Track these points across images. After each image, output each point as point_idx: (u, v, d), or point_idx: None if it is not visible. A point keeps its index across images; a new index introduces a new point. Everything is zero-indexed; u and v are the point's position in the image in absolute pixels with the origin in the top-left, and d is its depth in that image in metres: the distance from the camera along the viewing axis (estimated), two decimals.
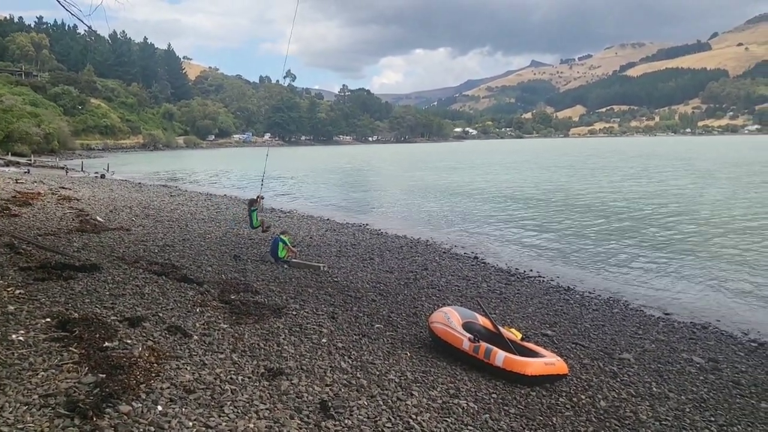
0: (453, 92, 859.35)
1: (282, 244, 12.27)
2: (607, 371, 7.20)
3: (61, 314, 5.77)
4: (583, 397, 6.26)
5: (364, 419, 4.75)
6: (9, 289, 6.44)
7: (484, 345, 6.63)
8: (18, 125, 67.27)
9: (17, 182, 26.68)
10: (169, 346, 5.44)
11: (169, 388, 4.47)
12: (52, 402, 3.91)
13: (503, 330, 7.14)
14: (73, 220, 15.20)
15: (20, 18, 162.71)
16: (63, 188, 25.94)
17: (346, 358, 6.22)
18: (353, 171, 59.62)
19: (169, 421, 3.97)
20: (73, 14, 10.28)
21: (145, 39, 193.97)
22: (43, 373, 4.35)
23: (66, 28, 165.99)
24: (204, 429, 4.00)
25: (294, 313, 7.82)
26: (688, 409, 6.20)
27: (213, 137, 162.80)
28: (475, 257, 15.30)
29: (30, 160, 54.82)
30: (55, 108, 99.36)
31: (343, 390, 5.26)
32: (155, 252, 11.70)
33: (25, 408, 3.80)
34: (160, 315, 6.43)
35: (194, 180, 45.40)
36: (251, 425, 4.18)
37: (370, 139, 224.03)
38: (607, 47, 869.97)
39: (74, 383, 4.24)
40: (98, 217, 16.37)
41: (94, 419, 3.75)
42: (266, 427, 4.21)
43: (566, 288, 12.30)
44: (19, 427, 3.58)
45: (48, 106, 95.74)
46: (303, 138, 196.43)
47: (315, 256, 13.52)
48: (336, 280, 11.04)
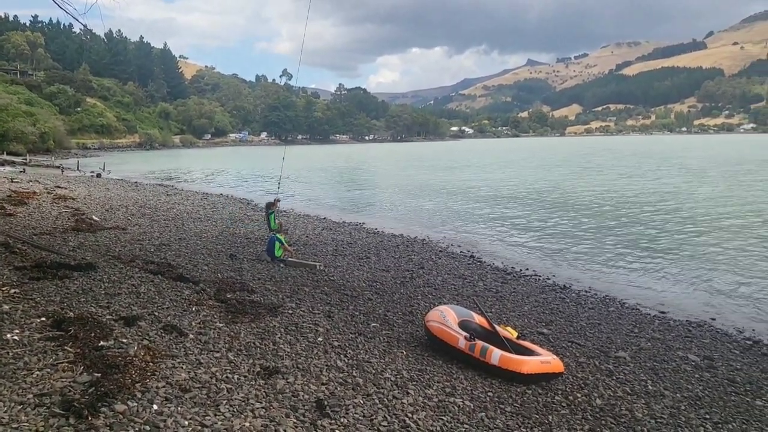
0: (449, 91, 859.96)
1: (278, 242, 12.27)
2: (603, 369, 7.22)
3: (56, 313, 5.75)
4: (579, 395, 6.28)
5: (360, 418, 4.76)
6: (4, 289, 6.42)
7: (480, 343, 6.64)
8: (13, 124, 67.07)
9: (12, 181, 26.63)
10: (165, 345, 5.43)
11: (164, 387, 4.46)
12: (47, 401, 3.90)
13: (499, 328, 7.16)
14: (69, 219, 15.17)
15: (15, 17, 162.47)
16: (58, 187, 25.88)
17: (342, 356, 6.22)
18: (349, 170, 59.57)
19: (165, 420, 3.96)
20: (68, 13, 10.26)
21: (141, 38, 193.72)
22: (38, 372, 4.34)
23: (61, 26, 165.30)
24: (200, 428, 3.99)
25: (290, 311, 7.82)
26: (683, 407, 6.22)
27: (209, 136, 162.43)
28: (472, 256, 15.31)
29: (25, 159, 54.65)
30: (50, 107, 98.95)
31: (339, 389, 5.26)
32: (151, 251, 11.70)
33: (19, 407, 3.79)
34: (156, 314, 6.42)
35: (190, 179, 45.32)
36: (247, 424, 4.18)
37: (367, 138, 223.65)
38: (603, 46, 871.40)
39: (69, 382, 4.23)
40: (94, 217, 16.34)
41: (90, 418, 3.75)
42: (262, 426, 4.21)
43: (562, 287, 12.32)
44: (13, 426, 3.57)
45: (43, 105, 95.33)
46: (299, 137, 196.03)
47: (311, 255, 13.52)
48: (332, 278, 11.04)
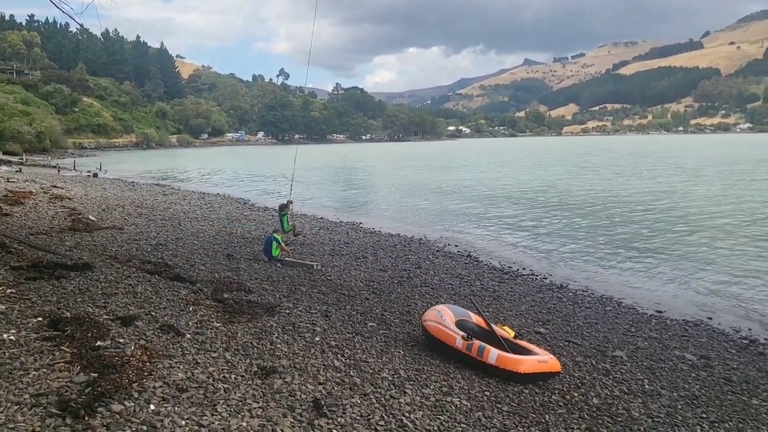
0: (446, 91, 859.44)
1: (275, 242, 12.26)
2: (600, 369, 7.23)
3: (52, 313, 5.74)
4: (576, 394, 6.29)
5: (357, 417, 4.75)
6: (0, 289, 6.40)
7: (477, 343, 6.65)
8: (9, 124, 66.86)
9: (9, 181, 26.53)
10: (162, 345, 5.42)
11: (161, 386, 4.46)
12: (43, 401, 3.89)
13: (496, 328, 7.17)
14: (65, 219, 15.13)
15: (11, 16, 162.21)
16: (55, 187, 25.80)
17: (339, 356, 6.22)
18: (346, 170, 59.51)
19: (162, 420, 3.96)
20: (65, 12, 10.27)
21: (138, 37, 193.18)
22: (34, 372, 4.32)
23: (58, 26, 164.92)
24: (197, 428, 3.98)
25: (287, 311, 7.82)
26: (680, 406, 6.23)
27: (206, 136, 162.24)
28: (469, 255, 15.32)
29: (22, 158, 54.44)
30: (47, 106, 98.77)
31: (336, 388, 5.26)
32: (148, 251, 11.67)
33: (16, 407, 3.77)
34: (153, 314, 6.41)
35: (187, 179, 45.23)
36: (244, 424, 4.17)
37: (364, 137, 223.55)
38: (600, 46, 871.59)
39: (66, 382, 4.22)
40: (90, 216, 16.30)
41: (86, 418, 3.74)
42: (259, 426, 4.20)
43: (559, 286, 12.33)
44: (10, 426, 3.56)
45: (40, 105, 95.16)
46: (296, 137, 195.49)
47: (308, 255, 13.51)
48: (329, 278, 11.04)
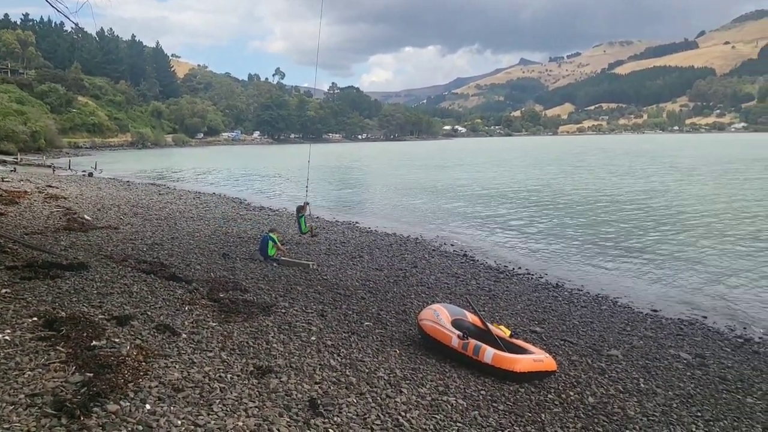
0: (442, 90, 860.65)
1: (271, 242, 12.25)
2: (596, 368, 7.25)
3: (48, 313, 5.71)
4: (572, 393, 6.31)
5: (353, 417, 4.75)
6: None
7: (473, 342, 6.66)
8: (4, 123, 66.61)
9: (3, 180, 26.43)
10: (158, 345, 5.41)
11: (157, 386, 4.44)
12: (38, 401, 3.87)
13: (492, 327, 7.17)
14: (61, 218, 15.07)
15: (6, 15, 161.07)
16: (50, 186, 25.71)
17: (335, 355, 6.22)
18: (342, 169, 59.50)
19: (158, 420, 3.95)
20: (59, 11, 10.23)
21: (133, 36, 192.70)
22: (29, 372, 4.30)
23: (52, 25, 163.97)
24: (193, 427, 3.98)
25: (283, 311, 7.80)
26: (675, 405, 6.26)
27: (202, 135, 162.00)
28: (464, 255, 15.34)
29: (16, 158, 54.24)
30: (41, 106, 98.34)
31: (332, 388, 5.25)
32: (143, 250, 11.64)
33: (11, 407, 3.76)
34: (149, 313, 6.39)
35: (183, 178, 45.15)
36: (240, 423, 4.17)
37: (360, 137, 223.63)
38: (596, 45, 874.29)
39: (61, 382, 4.20)
40: (86, 216, 16.25)
41: (82, 418, 3.72)
42: (255, 425, 4.20)
43: (555, 285, 12.36)
44: (5, 426, 3.55)
45: (34, 104, 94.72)
46: (292, 136, 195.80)
47: (304, 254, 13.51)
48: (325, 278, 11.04)
